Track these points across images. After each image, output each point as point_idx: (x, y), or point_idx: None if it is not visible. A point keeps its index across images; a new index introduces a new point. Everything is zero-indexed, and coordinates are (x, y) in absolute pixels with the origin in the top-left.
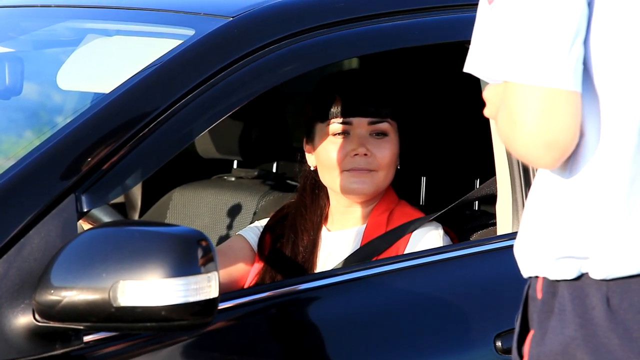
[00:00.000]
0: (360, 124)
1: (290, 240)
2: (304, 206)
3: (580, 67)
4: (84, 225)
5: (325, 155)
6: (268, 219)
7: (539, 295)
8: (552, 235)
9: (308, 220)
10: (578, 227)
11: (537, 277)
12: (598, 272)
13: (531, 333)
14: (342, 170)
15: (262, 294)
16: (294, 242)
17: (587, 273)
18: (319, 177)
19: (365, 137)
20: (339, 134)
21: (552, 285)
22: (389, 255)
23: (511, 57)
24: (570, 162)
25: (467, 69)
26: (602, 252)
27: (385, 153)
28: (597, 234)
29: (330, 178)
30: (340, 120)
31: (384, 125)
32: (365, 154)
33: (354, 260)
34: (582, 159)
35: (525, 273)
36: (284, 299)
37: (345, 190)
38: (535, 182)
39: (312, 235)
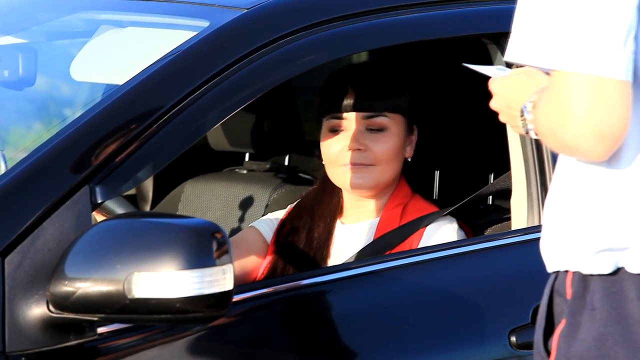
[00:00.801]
0: (356, 119)
1: (305, 232)
2: (323, 191)
3: (633, 58)
4: (97, 217)
5: (325, 150)
6: (284, 211)
7: (569, 290)
8: (589, 228)
9: (325, 207)
10: (618, 220)
11: (566, 271)
12: (636, 266)
13: (559, 328)
14: (340, 165)
15: (275, 286)
16: (307, 234)
17: (623, 267)
18: None
19: (361, 131)
20: (336, 129)
21: (583, 280)
22: (402, 250)
23: (564, 46)
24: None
25: (508, 57)
26: None
27: (382, 147)
28: (638, 226)
29: (332, 173)
30: (337, 115)
31: (381, 120)
32: (359, 149)
33: (366, 254)
34: (623, 151)
35: (552, 267)
36: (297, 292)
37: (345, 185)
38: (559, 176)
39: (327, 227)
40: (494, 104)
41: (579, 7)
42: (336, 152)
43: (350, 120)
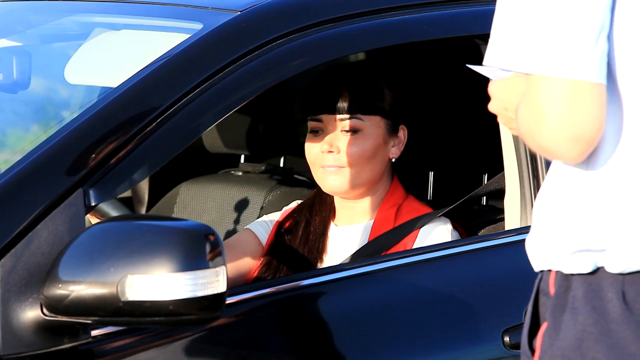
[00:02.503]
0: (329, 121)
1: (299, 234)
2: (320, 194)
3: (605, 59)
4: (91, 219)
5: (306, 152)
6: (279, 213)
7: (552, 289)
8: (568, 228)
9: (321, 205)
10: (595, 221)
11: (549, 270)
12: (615, 266)
13: (543, 327)
14: (319, 167)
15: (269, 288)
16: (301, 236)
17: (602, 267)
18: None
19: (336, 134)
20: (314, 131)
21: (565, 279)
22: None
23: (537, 50)
24: (588, 155)
25: (487, 61)
26: (620, 245)
27: (354, 150)
28: (615, 228)
29: (314, 174)
30: (315, 117)
31: (354, 122)
32: (331, 151)
33: (361, 256)
34: (601, 153)
35: (537, 267)
36: (291, 294)
37: (324, 188)
38: (548, 176)
39: (323, 222)
40: (492, 107)
41: (550, 11)
42: (314, 153)
43: (326, 122)
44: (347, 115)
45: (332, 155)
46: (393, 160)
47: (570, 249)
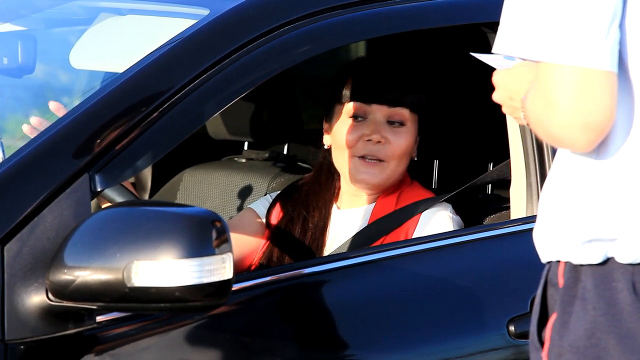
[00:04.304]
0: (379, 109)
1: (301, 217)
2: (318, 183)
3: (617, 48)
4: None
5: (340, 137)
6: (279, 191)
7: (561, 281)
8: (577, 218)
9: (320, 197)
10: (606, 210)
11: (558, 261)
12: (625, 256)
13: (552, 319)
14: (354, 155)
15: (273, 276)
16: (304, 219)
17: (613, 257)
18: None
19: (382, 123)
20: (356, 116)
21: (574, 270)
22: (397, 235)
23: (548, 37)
24: (598, 144)
25: (496, 49)
26: (630, 235)
27: (400, 142)
28: (626, 217)
29: (342, 161)
30: (360, 103)
31: (403, 113)
32: (379, 141)
33: (361, 239)
34: (611, 142)
35: (545, 258)
36: (296, 282)
37: (353, 179)
38: (555, 166)
39: (323, 213)
40: (496, 97)
41: (561, 1)
42: (352, 139)
43: (373, 109)
44: (398, 106)
45: (378, 146)
46: (415, 159)
47: (579, 239)
